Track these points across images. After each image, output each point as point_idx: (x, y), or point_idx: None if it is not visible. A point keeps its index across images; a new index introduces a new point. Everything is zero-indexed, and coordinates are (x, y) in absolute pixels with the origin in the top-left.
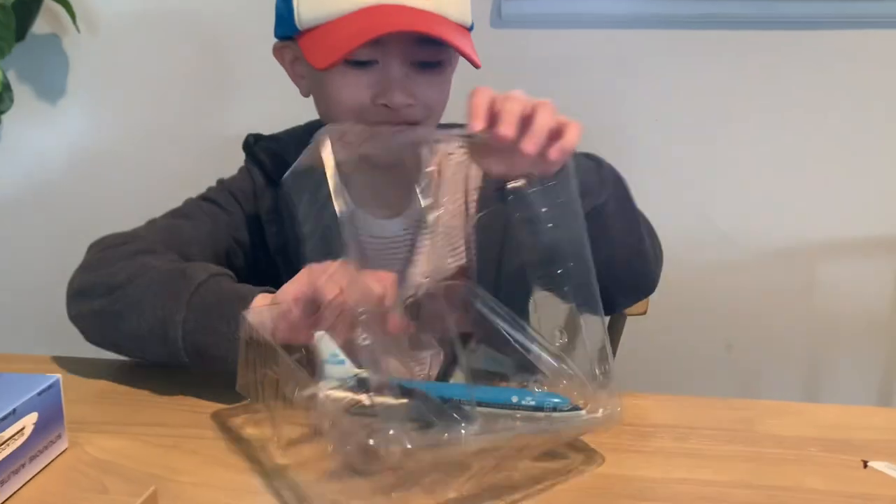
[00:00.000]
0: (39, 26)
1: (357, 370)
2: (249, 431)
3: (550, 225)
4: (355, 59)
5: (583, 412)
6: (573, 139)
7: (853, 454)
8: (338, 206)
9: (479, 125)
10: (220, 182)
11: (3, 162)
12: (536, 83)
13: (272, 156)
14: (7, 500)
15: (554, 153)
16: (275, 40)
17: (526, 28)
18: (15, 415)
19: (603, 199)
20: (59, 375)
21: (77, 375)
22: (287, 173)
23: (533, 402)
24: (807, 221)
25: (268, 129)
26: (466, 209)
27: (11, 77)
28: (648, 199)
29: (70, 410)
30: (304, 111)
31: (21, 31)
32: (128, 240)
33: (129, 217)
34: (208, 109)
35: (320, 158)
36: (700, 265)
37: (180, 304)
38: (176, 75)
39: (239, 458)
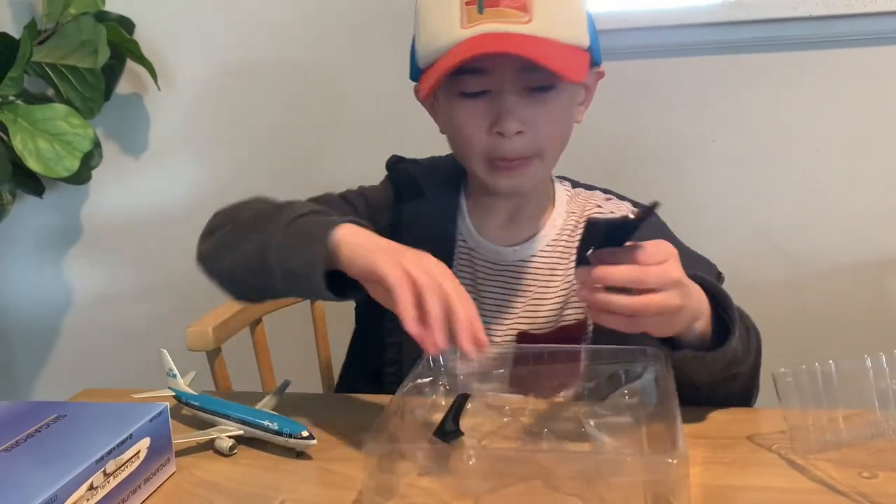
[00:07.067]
0: (123, 87)
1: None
2: (338, 452)
3: None
4: (467, 90)
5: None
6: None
7: None
8: None
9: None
10: (361, 188)
11: (94, 213)
12: (597, 110)
13: (407, 177)
14: None
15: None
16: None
17: None
18: (132, 439)
19: (744, 369)
20: (167, 404)
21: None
22: None
23: (276, 426)
24: (870, 236)
25: (349, 182)
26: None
27: (100, 134)
28: (708, 220)
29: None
30: (379, 165)
31: (108, 92)
32: (266, 198)
33: None
34: (283, 161)
35: None
36: (764, 285)
37: (279, 230)
38: (250, 129)
39: (333, 476)
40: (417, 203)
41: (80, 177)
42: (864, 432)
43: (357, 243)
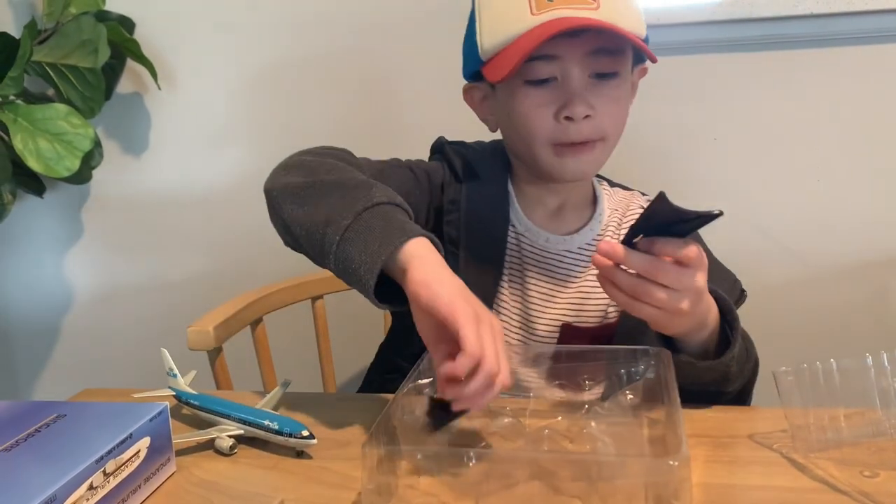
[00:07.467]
0: (124, 86)
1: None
2: (338, 452)
3: None
4: (534, 77)
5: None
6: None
7: None
8: None
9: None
10: (420, 162)
11: (95, 213)
12: None
13: (461, 159)
14: None
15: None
16: (464, 82)
17: None
18: (131, 439)
19: (732, 389)
20: (167, 403)
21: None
22: None
23: (276, 426)
24: (873, 235)
25: None
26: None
27: (100, 134)
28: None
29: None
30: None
31: (108, 92)
32: (348, 155)
33: (215, 263)
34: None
35: None
36: (765, 284)
37: (351, 211)
38: (252, 128)
39: (333, 476)
40: (474, 185)
41: (81, 176)
42: (866, 431)
43: (436, 278)
